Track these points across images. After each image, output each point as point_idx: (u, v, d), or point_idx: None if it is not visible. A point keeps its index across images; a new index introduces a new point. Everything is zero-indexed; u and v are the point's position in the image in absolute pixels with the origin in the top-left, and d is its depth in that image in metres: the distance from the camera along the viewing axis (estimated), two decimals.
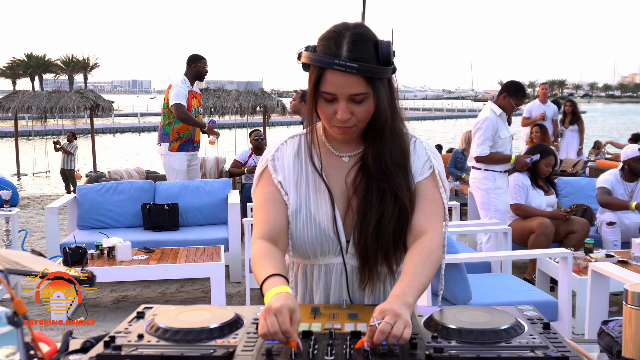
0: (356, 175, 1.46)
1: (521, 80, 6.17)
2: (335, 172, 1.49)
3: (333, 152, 1.51)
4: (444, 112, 57.12)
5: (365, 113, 1.38)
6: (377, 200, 1.41)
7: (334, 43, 1.34)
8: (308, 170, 1.49)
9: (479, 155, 4.88)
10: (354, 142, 1.50)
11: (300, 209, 1.46)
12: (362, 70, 1.32)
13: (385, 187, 1.41)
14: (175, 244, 4.92)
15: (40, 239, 6.88)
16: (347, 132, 1.41)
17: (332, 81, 1.34)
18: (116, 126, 31.95)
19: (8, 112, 13.06)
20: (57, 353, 1.20)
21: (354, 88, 1.34)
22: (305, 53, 1.39)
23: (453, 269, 3.22)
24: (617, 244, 4.90)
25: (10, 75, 62.47)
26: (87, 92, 13.95)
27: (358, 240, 1.42)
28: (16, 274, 1.28)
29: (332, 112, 1.38)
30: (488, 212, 4.97)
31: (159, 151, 5.89)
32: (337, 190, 1.47)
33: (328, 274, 1.47)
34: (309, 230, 1.45)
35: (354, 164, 1.48)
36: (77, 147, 12.98)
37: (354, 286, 1.47)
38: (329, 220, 1.44)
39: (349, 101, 1.36)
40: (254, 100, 12.29)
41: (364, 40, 1.35)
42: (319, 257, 1.47)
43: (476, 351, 1.08)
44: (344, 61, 1.31)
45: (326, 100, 1.37)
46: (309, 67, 1.39)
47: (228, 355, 1.08)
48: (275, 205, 1.46)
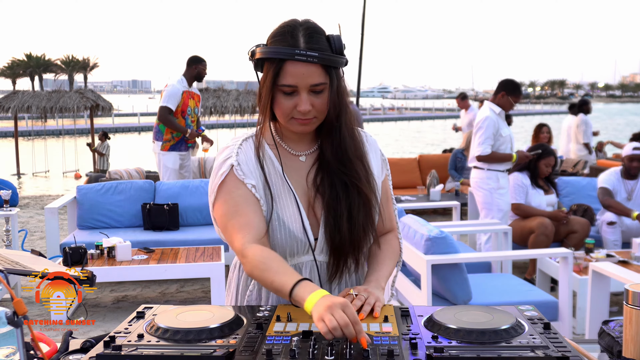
0: (317, 174, 1.47)
1: (522, 80, 6.18)
2: (295, 172, 1.49)
3: (289, 152, 1.50)
4: (444, 112, 57.09)
5: (324, 104, 1.40)
6: (342, 194, 1.44)
7: (290, 36, 1.36)
8: (270, 173, 1.47)
9: (480, 154, 4.88)
10: (309, 140, 1.51)
11: (267, 212, 1.45)
12: (322, 59, 1.35)
13: (347, 180, 1.44)
14: (175, 244, 4.92)
15: (40, 239, 6.89)
16: (307, 124, 1.42)
17: (292, 72, 1.35)
18: (116, 126, 32.03)
19: (8, 112, 13.06)
20: (57, 353, 1.20)
21: (314, 78, 1.36)
22: (261, 49, 1.39)
23: (453, 269, 3.22)
24: (618, 243, 4.90)
25: (10, 75, 62.44)
26: (87, 92, 13.95)
27: (332, 236, 1.44)
28: (16, 274, 1.28)
29: (292, 106, 1.38)
30: (490, 211, 4.97)
31: (153, 149, 5.92)
32: (298, 190, 1.48)
33: (300, 273, 1.46)
34: (279, 233, 1.44)
35: (312, 163, 1.49)
36: (109, 147, 12.96)
37: (322, 283, 1.49)
38: (296, 221, 1.44)
39: (309, 92, 1.37)
40: (254, 100, 12.30)
41: (317, 33, 1.38)
42: (288, 258, 1.47)
43: (476, 351, 1.08)
44: (305, 51, 1.34)
45: (285, 94, 1.38)
46: (260, 66, 1.40)
47: (228, 355, 1.08)
48: (251, 207, 1.42)
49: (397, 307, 1.36)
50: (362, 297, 1.34)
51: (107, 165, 12.69)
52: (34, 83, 61.55)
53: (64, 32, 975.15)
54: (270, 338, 1.16)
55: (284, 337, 1.16)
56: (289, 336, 1.16)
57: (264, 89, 1.40)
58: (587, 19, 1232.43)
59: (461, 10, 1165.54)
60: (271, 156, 1.49)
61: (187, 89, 5.84)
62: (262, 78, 1.41)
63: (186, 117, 5.85)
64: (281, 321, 1.25)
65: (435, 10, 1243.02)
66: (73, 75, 65.48)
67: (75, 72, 65.30)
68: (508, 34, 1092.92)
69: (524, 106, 74.99)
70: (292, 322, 1.25)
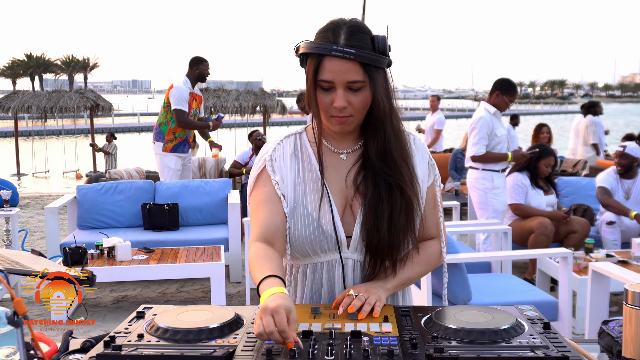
0: (358, 173, 1.47)
1: (522, 80, 6.19)
2: (333, 169, 1.49)
3: (330, 149, 1.51)
4: (444, 112, 57.06)
5: (362, 103, 1.39)
6: (386, 194, 1.42)
7: (332, 33, 1.37)
8: (305, 169, 1.49)
9: (474, 154, 4.89)
10: (352, 138, 1.50)
11: (296, 206, 1.46)
12: (359, 56, 1.34)
13: (391, 181, 1.42)
14: (175, 244, 4.92)
15: (40, 239, 6.89)
16: (344, 123, 1.41)
17: (330, 68, 1.36)
18: (116, 126, 32.05)
19: (8, 112, 13.06)
20: (57, 353, 1.20)
21: (351, 75, 1.36)
22: (304, 43, 1.41)
23: (453, 269, 3.22)
24: (617, 243, 4.91)
25: (10, 75, 62.44)
26: (87, 92, 13.95)
27: (369, 235, 1.42)
28: (16, 274, 1.28)
29: (330, 102, 1.39)
30: (485, 212, 4.97)
31: (154, 150, 5.93)
32: (334, 187, 1.48)
33: (330, 271, 1.47)
34: (306, 227, 1.44)
35: (354, 162, 1.49)
36: (117, 147, 12.95)
37: (355, 281, 1.47)
38: (326, 216, 1.44)
39: (346, 89, 1.37)
40: (254, 100, 12.30)
41: (360, 31, 1.38)
42: (320, 254, 1.47)
43: (476, 351, 1.08)
44: (342, 47, 1.34)
45: (324, 90, 1.39)
46: (306, 62, 1.41)
47: (228, 355, 1.08)
48: (269, 206, 1.45)
49: (397, 307, 1.36)
50: (362, 297, 1.34)
51: (115, 165, 12.71)
52: (34, 83, 61.54)
53: (64, 32, 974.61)
54: None
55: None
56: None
57: (308, 82, 1.41)
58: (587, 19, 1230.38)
59: (461, 10, 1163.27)
60: (310, 153, 1.50)
61: (191, 90, 5.87)
62: (306, 73, 1.42)
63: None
64: None
65: (435, 10, 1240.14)
66: (73, 75, 65.48)
67: (75, 72, 65.29)
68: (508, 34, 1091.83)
69: (523, 106, 74.96)
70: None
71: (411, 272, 1.49)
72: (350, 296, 1.35)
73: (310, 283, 1.50)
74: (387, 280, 1.45)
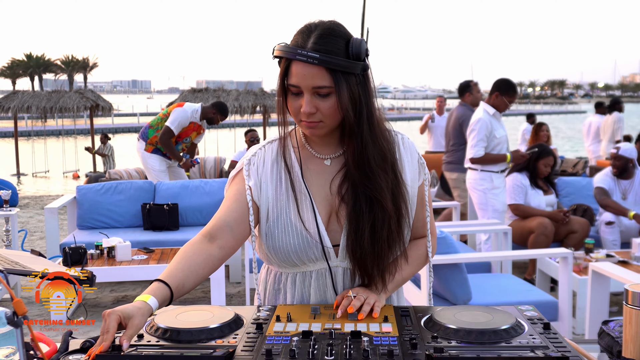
0: (342, 182, 1.43)
1: (522, 80, 6.19)
2: (317, 175, 1.46)
3: (313, 154, 1.47)
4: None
5: (331, 109, 1.35)
6: (366, 207, 1.38)
7: (302, 36, 1.34)
8: (287, 176, 1.45)
9: (473, 156, 4.90)
10: (334, 143, 1.46)
11: (279, 216, 1.42)
12: (323, 61, 1.30)
13: (371, 195, 1.38)
14: (175, 244, 4.91)
15: (40, 239, 6.88)
16: (313, 128, 1.38)
17: (296, 72, 1.33)
18: (116, 126, 32.03)
19: (8, 112, 13.06)
20: (57, 353, 1.20)
21: (316, 80, 1.32)
22: (278, 46, 1.37)
23: (453, 269, 3.22)
24: (616, 243, 4.91)
25: (10, 75, 62.44)
26: (86, 92, 13.94)
27: (353, 248, 1.40)
28: (16, 274, 1.28)
29: (298, 107, 1.36)
30: (485, 212, 4.98)
31: (137, 147, 5.98)
32: (319, 194, 1.44)
33: (320, 279, 1.45)
34: (290, 237, 1.41)
35: (338, 168, 1.45)
36: (112, 148, 12.91)
37: (346, 286, 1.46)
38: (310, 226, 1.41)
39: (313, 95, 1.34)
40: (254, 100, 12.31)
41: (332, 35, 1.33)
42: (307, 264, 1.44)
43: (476, 351, 1.08)
44: (307, 51, 1.30)
45: (293, 94, 1.36)
46: (281, 62, 1.39)
47: (228, 355, 1.08)
48: (229, 202, 1.44)
49: (397, 307, 1.36)
50: (361, 298, 1.35)
51: (114, 166, 12.67)
52: (34, 83, 61.54)
53: (64, 32, 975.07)
54: (270, 338, 1.16)
55: (284, 337, 1.16)
56: (289, 336, 1.16)
57: (278, 85, 1.39)
58: (587, 19, 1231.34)
59: (461, 10, 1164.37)
60: (293, 159, 1.46)
61: (197, 121, 5.92)
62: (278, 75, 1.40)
63: (179, 142, 5.96)
64: (281, 321, 1.26)
65: (435, 9, 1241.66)
66: (73, 75, 65.48)
67: (75, 72, 65.30)
68: (508, 33, 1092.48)
69: (523, 106, 74.91)
70: (292, 322, 1.25)
71: (405, 272, 1.49)
72: (349, 297, 1.35)
73: (300, 291, 1.46)
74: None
